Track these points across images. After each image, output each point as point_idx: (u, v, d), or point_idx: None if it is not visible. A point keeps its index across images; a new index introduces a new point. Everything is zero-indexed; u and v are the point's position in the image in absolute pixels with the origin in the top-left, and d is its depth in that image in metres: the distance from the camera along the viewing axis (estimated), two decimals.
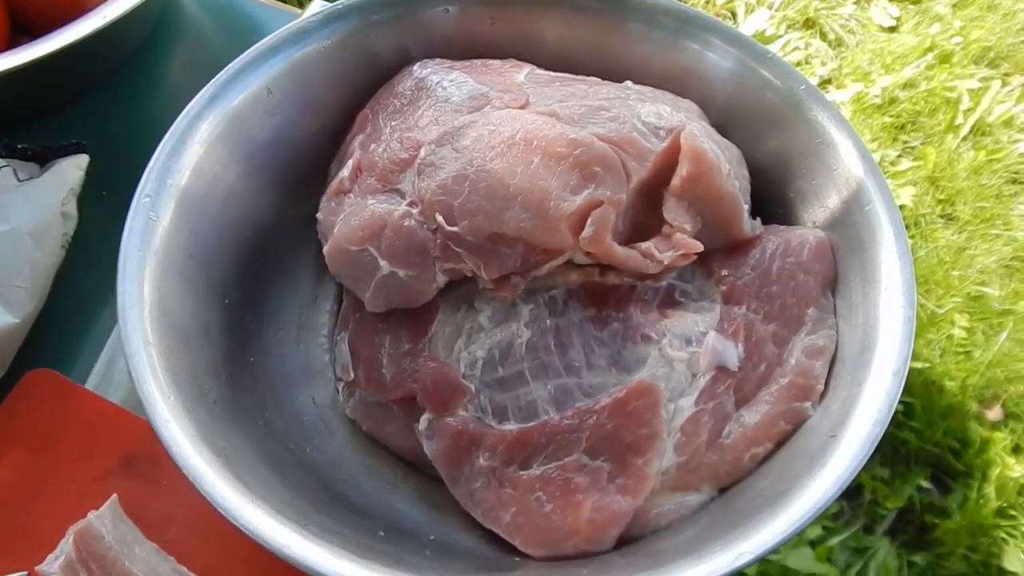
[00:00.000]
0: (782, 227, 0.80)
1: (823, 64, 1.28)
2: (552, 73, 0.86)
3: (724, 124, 0.85)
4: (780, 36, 1.34)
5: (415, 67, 0.86)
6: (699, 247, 0.74)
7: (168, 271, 0.72)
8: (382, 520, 0.74)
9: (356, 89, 0.88)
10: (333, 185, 0.81)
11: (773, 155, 0.84)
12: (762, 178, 0.84)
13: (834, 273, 0.76)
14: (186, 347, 0.70)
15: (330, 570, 0.59)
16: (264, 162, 0.83)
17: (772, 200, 0.84)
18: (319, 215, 0.82)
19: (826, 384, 0.71)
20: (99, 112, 1.08)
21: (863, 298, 0.72)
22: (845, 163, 0.78)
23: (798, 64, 1.33)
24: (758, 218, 0.80)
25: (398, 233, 0.74)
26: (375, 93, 0.87)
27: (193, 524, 0.77)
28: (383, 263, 0.75)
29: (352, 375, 0.80)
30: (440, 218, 0.73)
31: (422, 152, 0.76)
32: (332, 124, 0.88)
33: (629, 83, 0.86)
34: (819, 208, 0.80)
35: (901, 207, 0.88)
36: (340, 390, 0.83)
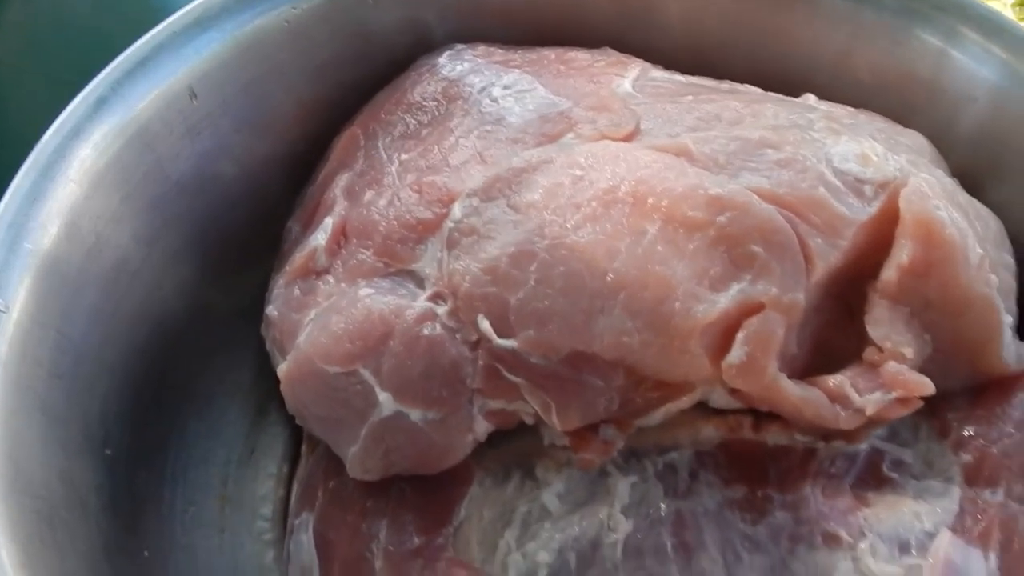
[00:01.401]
0: None
1: None
2: (679, 77, 0.93)
3: (973, 175, 0.92)
4: None
5: (442, 58, 0.93)
6: (928, 388, 0.79)
7: (23, 401, 0.78)
8: None
9: (339, 92, 0.96)
10: (298, 259, 0.88)
11: None
12: None
13: None
14: (52, 531, 0.76)
15: None
16: (179, 214, 0.91)
17: None
18: (270, 309, 0.88)
19: None
20: None
21: None
22: None
23: None
24: None
25: (412, 347, 0.80)
26: (371, 100, 0.94)
27: None
28: (384, 397, 0.81)
29: None
30: (486, 324, 0.79)
31: (456, 209, 0.82)
32: (293, 151, 0.96)
33: (811, 98, 0.93)
34: None
35: None
36: None
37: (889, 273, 0.80)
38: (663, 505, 0.82)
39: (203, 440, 0.94)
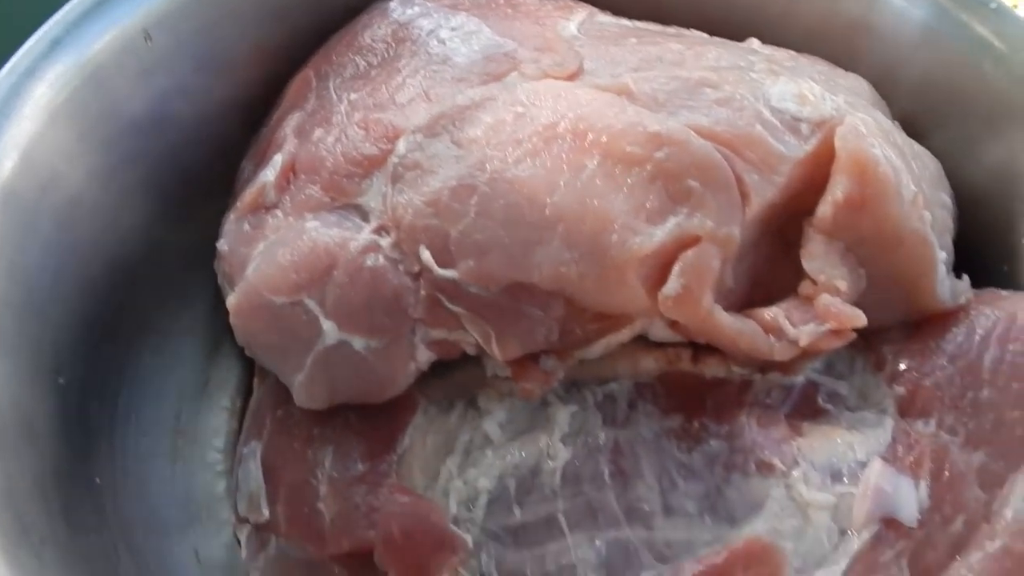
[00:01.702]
0: (1005, 293, 0.88)
1: None
2: (626, 21, 0.95)
3: (915, 119, 0.94)
4: None
5: (393, 2, 0.95)
6: (860, 319, 0.81)
7: None
8: None
9: (293, 36, 0.97)
10: (248, 195, 0.89)
11: (995, 174, 0.93)
12: (976, 212, 0.93)
13: None
14: (1, 454, 0.78)
15: None
16: (135, 154, 0.92)
17: (990, 249, 0.93)
18: (221, 244, 0.90)
19: None
20: None
21: None
22: None
23: None
24: (965, 277, 0.88)
25: (356, 277, 0.82)
26: (324, 44, 0.96)
27: None
28: (328, 325, 0.83)
29: (266, 514, 0.88)
30: (427, 255, 0.81)
31: (400, 145, 0.84)
32: (250, 94, 0.97)
33: (755, 42, 0.94)
34: None
35: None
36: (244, 540, 0.91)
37: (824, 208, 0.81)
38: (602, 434, 0.84)
39: (157, 373, 0.96)
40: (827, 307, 0.81)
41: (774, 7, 0.99)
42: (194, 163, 0.96)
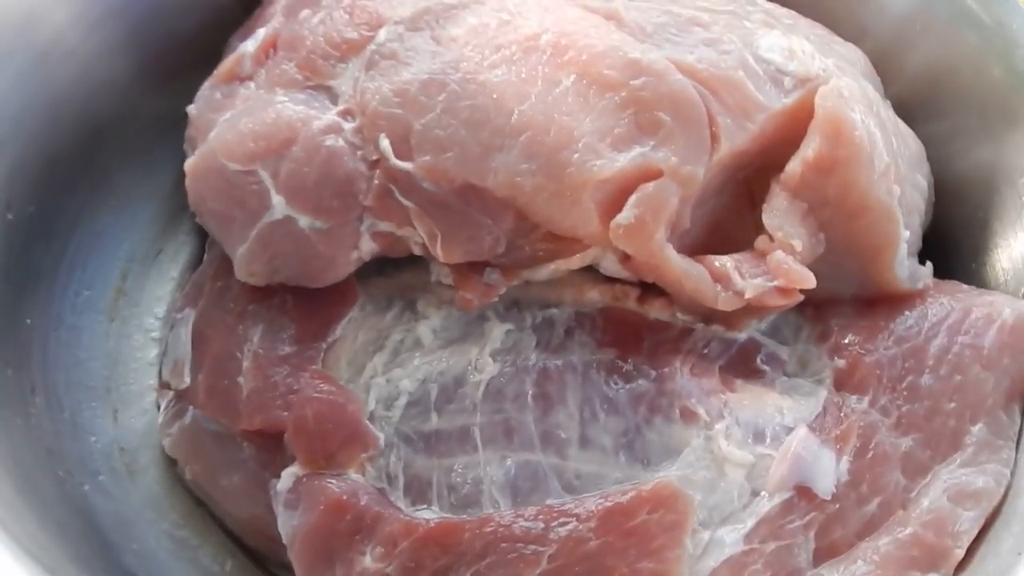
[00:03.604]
0: (965, 288, 0.85)
1: None
2: None
3: (911, 104, 0.92)
4: None
5: None
6: (809, 280, 0.78)
7: None
8: None
9: None
10: (226, 64, 0.88)
11: (981, 171, 0.90)
12: (956, 206, 0.90)
13: None
14: None
15: None
16: (121, 7, 0.90)
17: (962, 244, 0.91)
18: (191, 108, 0.88)
19: (971, 548, 0.75)
20: None
21: None
22: None
23: None
24: (929, 264, 0.86)
25: (312, 155, 0.80)
26: None
27: None
28: (277, 200, 0.81)
29: (187, 381, 0.86)
30: (386, 143, 0.79)
31: (382, 34, 0.82)
32: None
33: None
34: None
35: None
36: (163, 406, 0.89)
37: (794, 165, 0.80)
38: (533, 356, 0.82)
39: (111, 232, 0.94)
40: (779, 264, 0.78)
41: None
42: (182, 29, 0.94)
